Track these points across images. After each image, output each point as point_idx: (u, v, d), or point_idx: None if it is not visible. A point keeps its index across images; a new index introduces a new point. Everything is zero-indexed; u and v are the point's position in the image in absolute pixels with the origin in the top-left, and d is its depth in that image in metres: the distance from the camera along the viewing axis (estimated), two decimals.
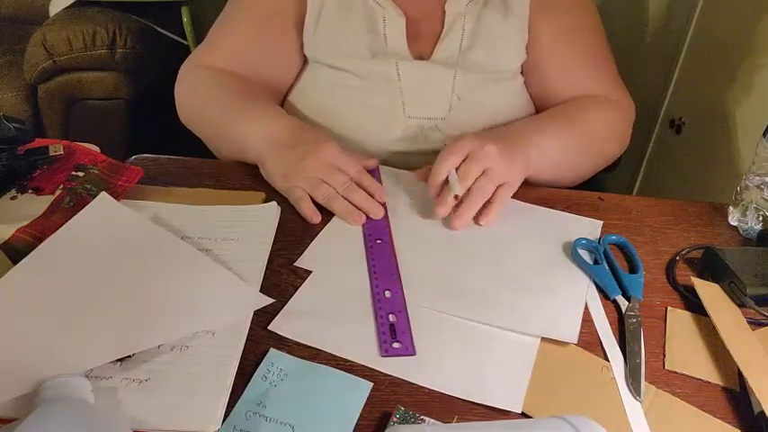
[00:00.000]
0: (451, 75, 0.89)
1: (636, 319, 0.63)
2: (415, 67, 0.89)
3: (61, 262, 0.62)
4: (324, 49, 0.91)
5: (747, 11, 1.17)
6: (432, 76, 0.89)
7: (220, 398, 0.51)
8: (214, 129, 0.88)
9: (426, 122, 0.89)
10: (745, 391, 0.57)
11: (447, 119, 0.89)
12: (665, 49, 1.45)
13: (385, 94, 0.89)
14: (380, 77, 0.89)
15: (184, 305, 0.59)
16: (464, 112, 0.90)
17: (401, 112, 0.89)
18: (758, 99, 1.14)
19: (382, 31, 0.89)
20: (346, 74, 0.90)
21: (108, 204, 0.69)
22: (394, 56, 0.89)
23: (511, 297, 0.65)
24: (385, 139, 0.89)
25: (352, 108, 0.90)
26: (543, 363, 0.58)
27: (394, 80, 0.89)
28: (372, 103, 0.89)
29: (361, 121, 0.89)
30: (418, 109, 0.89)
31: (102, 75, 1.75)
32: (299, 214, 0.74)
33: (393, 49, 0.90)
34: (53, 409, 0.45)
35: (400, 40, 0.90)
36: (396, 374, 0.56)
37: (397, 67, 0.89)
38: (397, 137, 0.89)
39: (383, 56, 0.89)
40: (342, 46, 0.90)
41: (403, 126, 0.89)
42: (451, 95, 0.89)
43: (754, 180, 0.76)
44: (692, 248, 0.74)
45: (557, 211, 0.79)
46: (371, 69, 0.89)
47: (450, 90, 0.89)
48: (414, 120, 0.89)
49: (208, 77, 0.90)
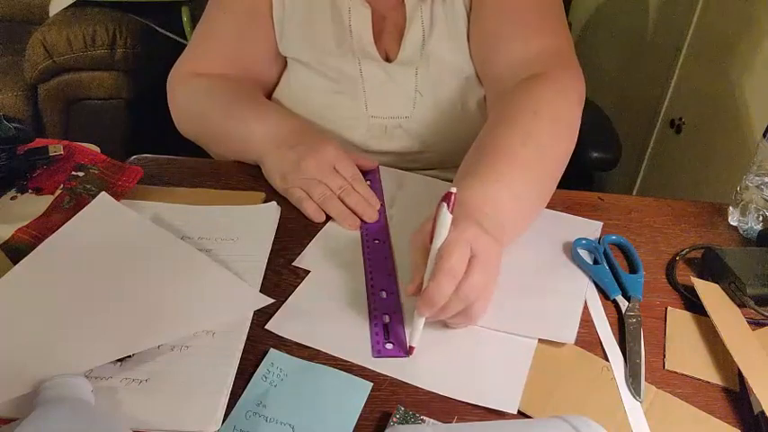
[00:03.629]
0: (413, 73, 0.88)
1: (636, 319, 0.63)
2: (378, 70, 0.89)
3: (61, 262, 0.62)
4: (293, 45, 0.90)
5: (747, 10, 1.17)
6: (394, 77, 0.89)
7: (220, 398, 0.51)
8: (216, 135, 0.87)
9: (389, 122, 0.89)
10: (745, 391, 0.57)
11: (410, 117, 0.89)
12: (665, 49, 1.45)
13: (348, 94, 0.89)
14: (345, 76, 0.89)
15: (184, 305, 0.59)
16: (427, 109, 0.89)
17: (364, 111, 0.89)
18: (758, 99, 1.14)
19: (347, 22, 0.89)
20: (314, 72, 0.90)
21: (108, 204, 0.69)
22: (359, 51, 0.89)
23: (509, 298, 0.64)
24: (349, 137, 0.89)
25: (318, 107, 0.90)
26: (543, 363, 0.58)
27: (357, 80, 0.89)
28: (337, 102, 0.89)
29: (326, 120, 0.90)
30: (381, 109, 0.89)
31: (102, 75, 1.75)
32: (300, 214, 0.74)
33: (359, 43, 0.89)
34: (53, 409, 0.45)
35: (366, 34, 0.88)
36: (391, 374, 0.56)
37: (359, 66, 0.89)
38: (361, 136, 0.89)
39: (348, 50, 0.89)
40: (309, 39, 0.89)
41: (366, 125, 0.89)
42: (414, 93, 0.89)
43: (754, 180, 0.76)
44: (692, 248, 0.74)
45: (557, 211, 0.79)
46: (337, 66, 0.89)
47: (413, 88, 0.89)
48: (377, 119, 0.89)
49: (200, 87, 0.89)
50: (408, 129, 0.89)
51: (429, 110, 0.89)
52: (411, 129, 0.89)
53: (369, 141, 0.90)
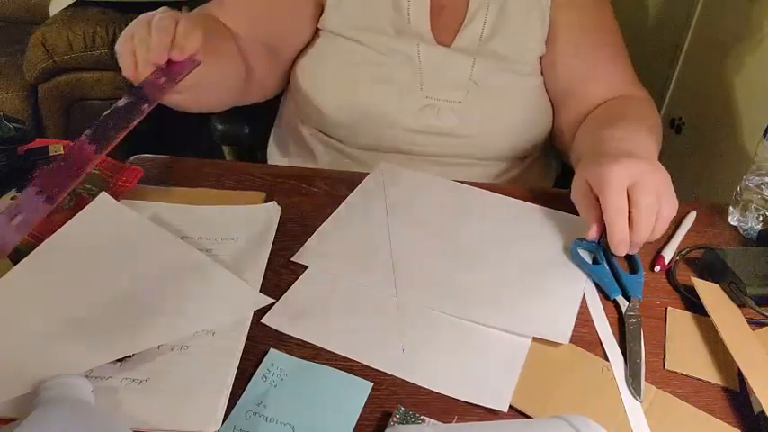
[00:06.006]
0: (470, 62, 0.91)
1: (636, 318, 0.63)
2: (436, 52, 0.91)
3: (61, 262, 0.62)
4: (346, 22, 0.91)
5: (747, 11, 1.17)
6: (451, 62, 0.91)
7: (220, 398, 0.51)
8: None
9: (443, 104, 0.91)
10: (745, 391, 0.57)
11: (463, 103, 0.91)
12: (665, 49, 1.45)
13: (404, 72, 0.91)
14: (400, 55, 0.91)
15: (184, 305, 0.59)
16: (481, 98, 0.91)
17: (419, 89, 0.90)
18: (758, 99, 1.14)
19: (407, 9, 0.91)
20: (365, 48, 0.91)
21: (108, 204, 0.69)
22: (416, 36, 0.91)
23: (506, 297, 0.65)
24: (401, 113, 0.90)
25: (368, 81, 0.91)
26: (543, 363, 0.58)
27: (414, 60, 0.91)
28: (390, 77, 0.90)
29: (377, 94, 0.90)
30: (435, 90, 0.91)
31: (103, 75, 1.75)
32: (299, 214, 0.74)
33: (416, 29, 0.91)
34: (53, 409, 0.45)
35: (423, 22, 0.91)
36: (383, 369, 0.56)
37: (418, 48, 0.91)
38: (413, 113, 0.90)
39: (406, 35, 0.91)
40: (365, 20, 0.91)
41: (419, 104, 0.90)
42: (469, 81, 0.91)
43: (754, 180, 0.76)
44: (692, 248, 0.74)
45: (557, 211, 0.79)
46: (392, 47, 0.90)
47: (467, 77, 0.91)
48: (430, 99, 0.91)
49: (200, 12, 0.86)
50: (461, 113, 0.91)
51: (481, 99, 0.91)
52: (463, 114, 0.91)
53: (420, 119, 0.91)
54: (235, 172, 0.82)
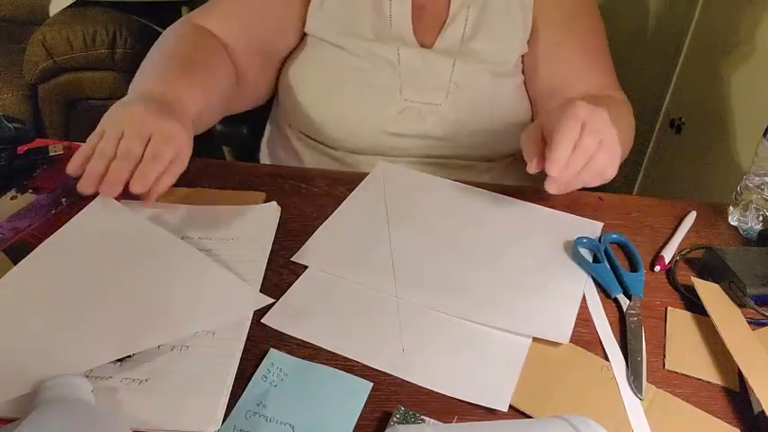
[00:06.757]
0: (451, 63, 0.91)
1: (637, 317, 0.63)
2: (416, 55, 0.91)
3: (61, 262, 0.62)
4: (329, 26, 0.91)
5: (747, 10, 1.17)
6: (431, 65, 0.91)
7: (220, 398, 0.51)
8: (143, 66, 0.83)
9: (423, 107, 0.91)
10: (745, 391, 0.57)
11: (443, 105, 0.91)
12: (665, 49, 1.45)
13: (383, 76, 0.91)
14: (380, 60, 0.91)
15: (184, 305, 0.58)
16: (461, 100, 0.91)
17: (398, 94, 0.90)
18: (758, 99, 1.14)
19: (388, 11, 0.91)
20: (346, 53, 0.91)
21: (108, 204, 0.69)
22: (397, 39, 0.91)
23: (506, 297, 0.65)
24: (381, 118, 0.90)
25: (349, 86, 0.91)
26: (542, 362, 0.58)
27: (394, 64, 0.91)
28: (370, 83, 0.91)
29: (359, 99, 0.91)
30: (415, 93, 0.91)
31: (103, 75, 1.75)
32: (299, 214, 0.74)
33: (397, 31, 0.91)
34: (53, 409, 0.45)
35: (405, 22, 0.91)
36: (383, 369, 0.56)
37: (398, 52, 0.90)
38: (393, 118, 0.90)
39: (386, 38, 0.91)
40: (347, 24, 0.91)
41: (399, 108, 0.90)
42: (449, 83, 0.91)
43: (754, 180, 0.76)
44: (692, 248, 0.74)
45: (557, 211, 0.79)
46: (372, 51, 0.90)
47: (448, 78, 0.91)
48: (410, 103, 0.91)
49: (181, 32, 0.86)
50: (442, 115, 0.91)
51: (461, 100, 0.91)
52: (444, 116, 0.91)
53: (401, 123, 0.91)
54: (235, 172, 0.82)
